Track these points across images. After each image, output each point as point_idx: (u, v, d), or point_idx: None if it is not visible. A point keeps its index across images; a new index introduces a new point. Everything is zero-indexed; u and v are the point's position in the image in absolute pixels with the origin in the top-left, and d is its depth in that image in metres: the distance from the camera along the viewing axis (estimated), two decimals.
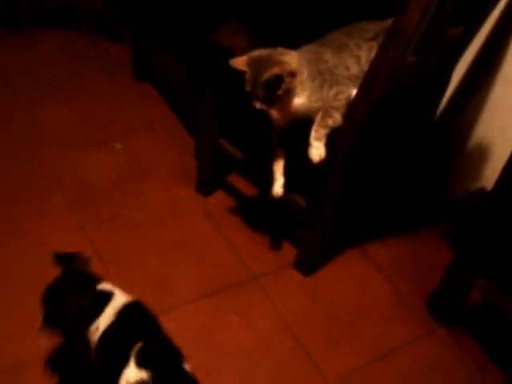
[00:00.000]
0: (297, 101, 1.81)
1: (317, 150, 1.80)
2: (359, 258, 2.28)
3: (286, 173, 1.96)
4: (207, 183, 2.40)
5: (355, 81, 1.84)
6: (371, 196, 2.25)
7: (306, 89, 1.80)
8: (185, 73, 2.49)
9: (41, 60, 2.91)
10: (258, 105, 1.80)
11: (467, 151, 2.36)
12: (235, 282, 2.13)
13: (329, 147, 1.81)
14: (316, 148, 1.80)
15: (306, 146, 1.81)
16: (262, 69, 1.74)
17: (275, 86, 1.75)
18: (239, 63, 1.79)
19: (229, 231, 2.28)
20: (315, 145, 1.80)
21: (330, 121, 1.81)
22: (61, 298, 1.61)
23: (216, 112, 2.18)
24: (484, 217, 1.92)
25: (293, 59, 1.78)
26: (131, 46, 2.86)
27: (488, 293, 1.94)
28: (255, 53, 1.80)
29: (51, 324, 1.61)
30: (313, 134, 1.81)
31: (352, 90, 1.84)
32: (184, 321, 1.98)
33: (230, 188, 2.44)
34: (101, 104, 2.74)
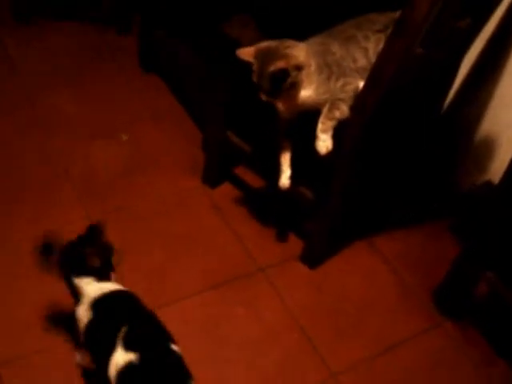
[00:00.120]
0: (303, 93, 1.80)
1: (324, 142, 1.80)
2: (366, 250, 2.28)
3: (293, 165, 1.96)
4: (214, 175, 2.40)
5: (362, 73, 1.83)
6: (378, 188, 2.25)
7: (313, 82, 1.79)
8: (197, 61, 2.47)
9: (49, 51, 2.91)
10: (265, 97, 1.80)
11: (474, 144, 2.35)
12: (241, 274, 2.13)
13: (336, 139, 1.80)
14: (323, 140, 1.80)
15: (313, 138, 1.81)
16: (269, 61, 1.73)
17: (281, 80, 1.74)
18: (246, 54, 1.78)
19: (235, 223, 2.28)
20: (322, 137, 1.80)
21: (337, 113, 1.81)
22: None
23: (223, 103, 2.18)
24: (491, 210, 1.92)
25: (300, 52, 1.77)
26: (138, 37, 2.86)
27: (494, 286, 1.94)
28: (263, 44, 1.79)
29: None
30: (320, 126, 1.80)
31: (359, 82, 1.83)
32: (190, 312, 1.99)
33: (237, 180, 2.44)
34: (108, 94, 2.74)
